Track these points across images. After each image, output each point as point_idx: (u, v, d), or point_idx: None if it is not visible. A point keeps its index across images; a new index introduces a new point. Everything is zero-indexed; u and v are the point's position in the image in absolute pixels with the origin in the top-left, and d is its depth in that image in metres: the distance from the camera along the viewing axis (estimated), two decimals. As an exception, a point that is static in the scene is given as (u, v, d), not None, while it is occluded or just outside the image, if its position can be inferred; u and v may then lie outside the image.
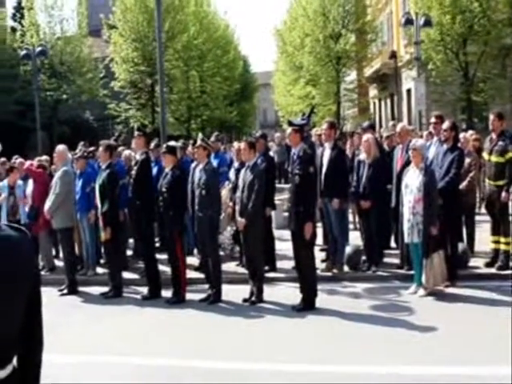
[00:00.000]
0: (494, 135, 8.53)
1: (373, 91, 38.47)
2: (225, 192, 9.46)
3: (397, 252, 9.17)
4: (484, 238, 9.15)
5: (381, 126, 32.09)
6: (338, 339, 6.30)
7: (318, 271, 8.43)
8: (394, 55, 29.85)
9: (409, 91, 28.72)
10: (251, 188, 7.61)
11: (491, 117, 8.54)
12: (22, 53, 25.45)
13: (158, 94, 14.98)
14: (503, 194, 8.23)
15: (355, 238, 9.78)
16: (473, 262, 8.70)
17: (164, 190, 8.02)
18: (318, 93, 31.36)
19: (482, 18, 22.76)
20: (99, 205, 8.56)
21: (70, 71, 30.31)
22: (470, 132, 12.60)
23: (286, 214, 7.71)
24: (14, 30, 32.01)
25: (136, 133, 8.93)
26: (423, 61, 22.28)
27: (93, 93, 30.85)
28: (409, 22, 21.26)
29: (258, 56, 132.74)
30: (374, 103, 39.62)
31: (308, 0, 30.05)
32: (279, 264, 9.14)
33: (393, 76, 30.69)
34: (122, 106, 30.20)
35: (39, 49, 24.70)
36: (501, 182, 8.30)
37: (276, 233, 9.90)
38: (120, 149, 11.37)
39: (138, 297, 8.44)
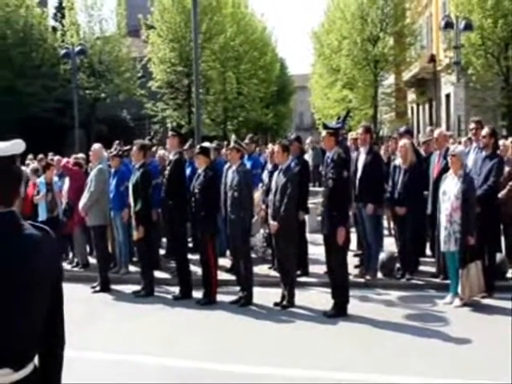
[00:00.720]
0: (535, 142, 8.29)
1: (411, 96, 38.00)
2: (258, 194, 9.41)
3: (432, 260, 9.01)
4: (523, 248, 8.89)
5: (418, 132, 31.69)
6: (368, 347, 6.19)
7: (351, 277, 8.34)
8: (433, 59, 29.45)
9: (448, 96, 28.24)
10: (284, 191, 7.57)
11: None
12: (62, 52, 25.86)
13: (199, 96, 15.04)
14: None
15: (390, 245, 9.63)
16: (511, 274, 8.47)
17: (196, 190, 8.03)
18: (354, 96, 31.12)
19: (525, 22, 22.27)
20: (132, 204, 8.59)
21: (108, 70, 30.70)
22: (511, 139, 12.28)
23: (320, 218, 7.62)
24: (54, 29, 32.56)
25: (170, 133, 8.97)
26: (463, 65, 21.88)
27: (130, 92, 31.18)
28: (449, 25, 20.89)
29: (296, 59, 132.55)
30: (412, 108, 39.13)
31: (346, 2, 29.85)
32: (312, 268, 9.07)
33: (432, 80, 30.26)
34: (158, 106, 30.43)
35: (79, 48, 25.05)
36: (542, 192, 8.06)
37: (309, 237, 9.81)
38: (154, 149, 11.42)
39: (169, 296, 8.47)
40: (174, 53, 29.68)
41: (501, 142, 9.77)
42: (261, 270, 9.19)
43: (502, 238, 9.04)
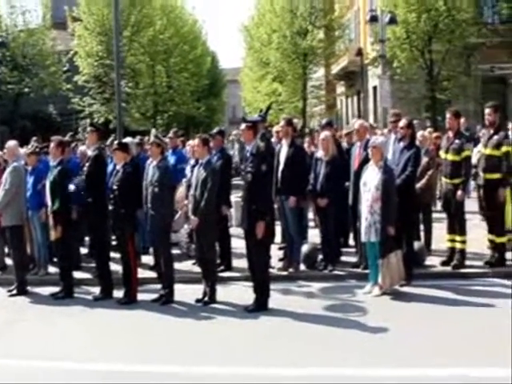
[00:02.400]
0: (450, 133, 8.52)
1: (340, 88, 38.54)
2: (181, 189, 9.30)
3: (355, 250, 9.10)
4: (441, 236, 9.13)
5: (348, 124, 32.14)
6: (288, 340, 6.19)
7: (275, 270, 8.40)
8: (360, 52, 29.93)
9: (375, 89, 28.73)
10: (204, 186, 7.51)
11: (448, 115, 8.52)
12: (-18, 44, 24.83)
13: (121, 89, 14.75)
14: (459, 192, 8.23)
15: (315, 236, 9.68)
16: (429, 261, 8.70)
17: (115, 187, 7.87)
18: (284, 90, 31.26)
19: (446, 17, 22.97)
20: (50, 203, 8.36)
21: (32, 64, 29.69)
22: (429, 130, 12.63)
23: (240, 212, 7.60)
24: (-29, 20, 31.22)
25: (88, 128, 8.79)
26: (388, 58, 22.35)
27: (56, 86, 30.28)
28: (374, 19, 21.26)
29: (227, 52, 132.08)
30: (341, 100, 39.70)
31: (275, -4, 29.94)
32: (236, 263, 9.03)
33: (359, 73, 30.78)
34: (85, 101, 29.71)
35: (-1, 40, 24.09)
36: (457, 181, 8.30)
37: (235, 230, 9.80)
38: (74, 145, 11.12)
39: (90, 297, 8.27)
40: (102, 46, 28.99)
41: (419, 133, 10.02)
42: (185, 266, 9.11)
43: (421, 226, 9.27)
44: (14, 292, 8.69)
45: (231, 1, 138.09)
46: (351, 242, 9.69)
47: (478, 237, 9.12)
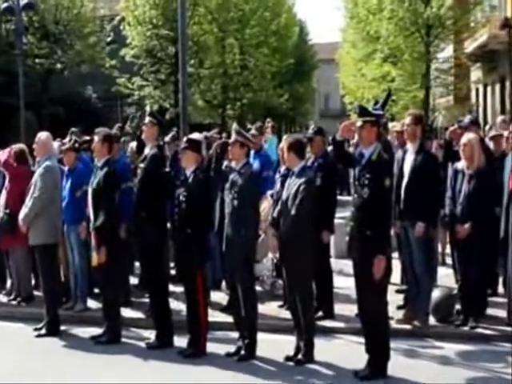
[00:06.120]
0: None
1: (476, 73, 37.94)
2: (266, 204, 9.31)
3: (507, 301, 8.82)
4: None
5: (486, 123, 31.50)
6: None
7: (392, 322, 8.26)
8: (507, 24, 29.26)
9: (527, 75, 28.10)
10: (295, 202, 7.49)
11: None
12: (3, 5, 25.63)
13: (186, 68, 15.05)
14: None
15: (445, 278, 9.57)
16: None
17: (182, 198, 7.96)
18: (399, 73, 31.13)
19: None
20: (92, 215, 8.49)
21: (66, 33, 30.74)
22: None
23: (348, 238, 7.54)
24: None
25: (147, 119, 8.88)
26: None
27: (96, 62, 31.22)
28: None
29: (320, 22, 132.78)
30: (477, 90, 39.04)
31: None
32: (338, 309, 9.00)
33: (505, 53, 30.10)
34: (135, 82, 30.46)
35: (26, 1, 24.83)
36: None
37: (335, 264, 9.77)
38: (124, 140, 11.32)
39: (142, 344, 8.39)
40: (157, 11, 29.75)
41: None
42: (269, 309, 9.15)
43: None
44: (43, 332, 8.87)
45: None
46: (501, 289, 9.39)
47: None
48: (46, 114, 30.02)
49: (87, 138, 10.81)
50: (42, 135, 9.61)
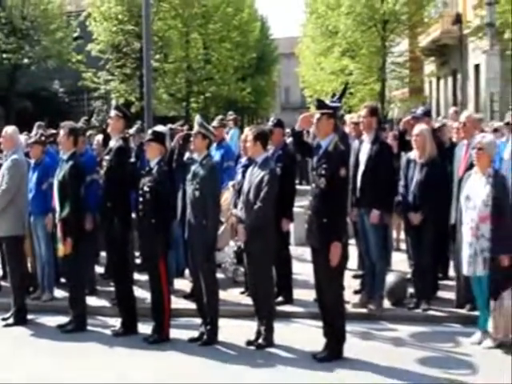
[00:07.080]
0: None
1: (429, 67, 38.27)
2: (227, 195, 9.32)
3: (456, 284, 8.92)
4: None
5: (438, 114, 31.82)
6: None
7: (349, 306, 8.30)
8: (458, 20, 29.58)
9: (477, 67, 28.43)
10: (258, 192, 7.48)
11: None
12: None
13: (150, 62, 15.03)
14: None
15: (399, 263, 9.60)
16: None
17: (147, 189, 7.92)
18: (357, 67, 31.24)
19: None
20: (58, 207, 8.43)
21: (33, 28, 30.37)
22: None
23: (306, 226, 7.55)
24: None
25: (113, 112, 8.82)
26: (498, 27, 21.97)
27: (63, 57, 30.90)
28: (480, -25, 21.01)
29: (281, 17, 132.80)
30: (431, 82, 39.41)
31: None
32: (297, 294, 9.01)
33: (457, 47, 30.41)
34: (101, 76, 30.22)
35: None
36: None
37: (294, 251, 9.80)
38: (89, 133, 11.25)
39: (108, 332, 8.34)
40: (122, 6, 29.56)
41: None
42: (231, 295, 9.15)
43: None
44: (11, 321, 8.80)
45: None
46: (452, 272, 9.49)
47: None
48: (14, 109, 29.70)
49: (53, 131, 10.75)
50: (9, 129, 9.49)
